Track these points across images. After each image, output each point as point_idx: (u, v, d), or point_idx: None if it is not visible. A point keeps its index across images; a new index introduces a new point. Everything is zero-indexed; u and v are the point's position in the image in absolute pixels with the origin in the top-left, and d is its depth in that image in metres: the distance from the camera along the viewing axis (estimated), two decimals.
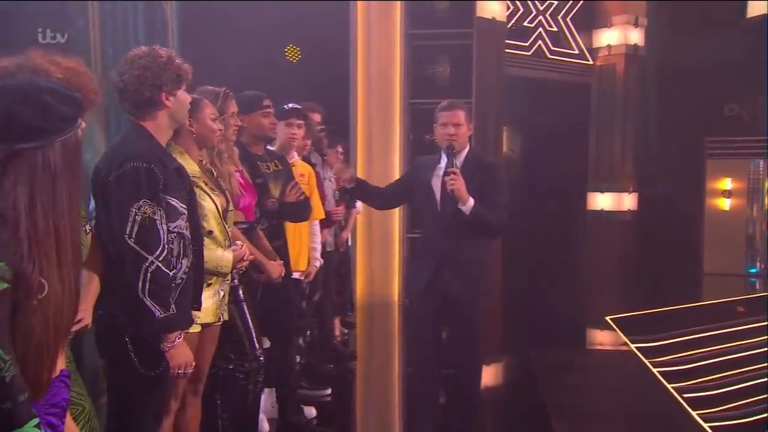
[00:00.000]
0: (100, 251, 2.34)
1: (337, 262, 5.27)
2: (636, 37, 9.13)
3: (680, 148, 9.29)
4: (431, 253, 3.56)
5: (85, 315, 2.10)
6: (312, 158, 4.53)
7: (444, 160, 3.52)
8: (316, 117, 4.73)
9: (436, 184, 3.50)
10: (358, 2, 6.73)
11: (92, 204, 2.47)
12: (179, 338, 2.41)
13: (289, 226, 3.80)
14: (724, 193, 9.15)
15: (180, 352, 2.41)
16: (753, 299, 7.76)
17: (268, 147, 3.84)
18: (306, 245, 4.03)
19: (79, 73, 1.94)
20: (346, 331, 5.84)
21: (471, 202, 3.35)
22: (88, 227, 2.22)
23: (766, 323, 5.67)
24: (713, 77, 8.73)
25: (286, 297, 3.69)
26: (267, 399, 3.93)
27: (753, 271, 9.16)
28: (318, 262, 4.21)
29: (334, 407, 4.42)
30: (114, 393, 2.49)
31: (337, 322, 5.45)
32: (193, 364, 2.49)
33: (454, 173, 3.35)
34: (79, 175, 1.60)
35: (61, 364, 1.60)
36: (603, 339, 6.38)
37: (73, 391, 2.05)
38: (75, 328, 2.05)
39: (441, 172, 3.48)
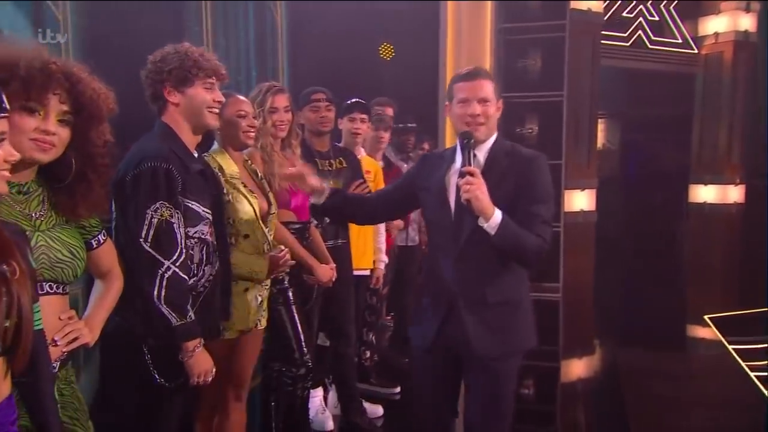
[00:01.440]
0: (120, 260, 2.03)
1: (420, 257, 4.87)
2: (747, 23, 8.02)
3: None
4: (441, 291, 2.28)
5: (85, 333, 1.79)
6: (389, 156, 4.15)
7: (460, 158, 2.25)
8: (389, 111, 4.34)
9: (452, 186, 2.26)
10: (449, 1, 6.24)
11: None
12: (198, 348, 2.08)
13: (353, 225, 3.43)
14: None
15: (198, 361, 2.08)
16: None
17: (336, 143, 3.49)
18: (370, 243, 3.66)
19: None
20: None
21: (497, 216, 2.11)
22: (101, 237, 1.90)
23: None
24: None
25: (345, 296, 3.33)
26: (332, 396, 3.62)
27: None
28: (383, 264, 3.83)
29: (406, 404, 4.01)
30: (129, 406, 2.19)
31: None
32: (213, 373, 2.15)
33: (471, 174, 2.11)
34: None
35: None
36: (702, 342, 5.56)
37: (65, 415, 1.75)
38: (69, 347, 1.76)
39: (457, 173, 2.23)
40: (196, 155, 2.23)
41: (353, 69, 5.83)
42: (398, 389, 3.99)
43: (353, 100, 3.57)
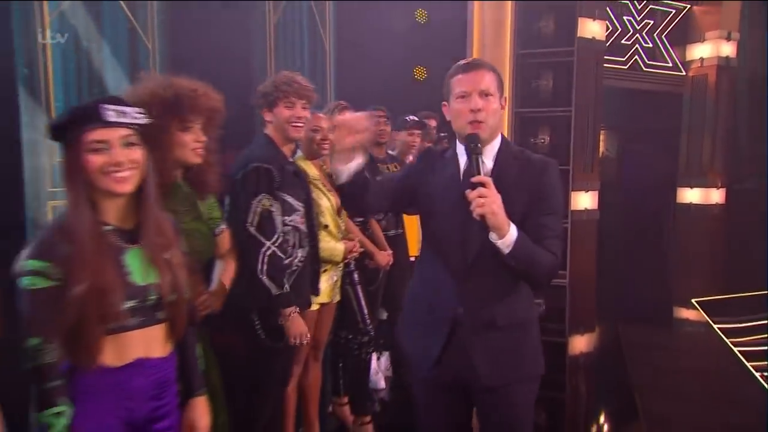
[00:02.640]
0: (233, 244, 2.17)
1: None
2: (728, 50, 7.93)
3: None
4: (442, 311, 1.71)
5: (213, 301, 1.95)
6: None
7: (464, 161, 1.71)
8: (432, 122, 4.43)
9: (453, 193, 1.66)
10: (475, 29, 6.30)
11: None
12: (294, 314, 2.21)
13: (407, 217, 3.54)
14: None
15: (294, 324, 2.21)
16: None
17: (389, 151, 3.59)
18: (417, 234, 3.75)
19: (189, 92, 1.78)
20: None
21: (513, 233, 1.57)
22: (222, 226, 2.07)
23: None
24: None
25: (402, 277, 3.43)
26: (385, 360, 3.72)
27: None
28: None
29: None
30: (241, 365, 2.28)
31: None
32: (308, 335, 2.29)
33: (484, 185, 1.55)
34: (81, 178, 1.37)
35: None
36: (689, 322, 5.55)
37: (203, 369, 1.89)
38: (203, 313, 1.91)
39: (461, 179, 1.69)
40: (291, 160, 2.37)
41: (390, 87, 5.88)
42: None
43: (413, 118, 3.67)
